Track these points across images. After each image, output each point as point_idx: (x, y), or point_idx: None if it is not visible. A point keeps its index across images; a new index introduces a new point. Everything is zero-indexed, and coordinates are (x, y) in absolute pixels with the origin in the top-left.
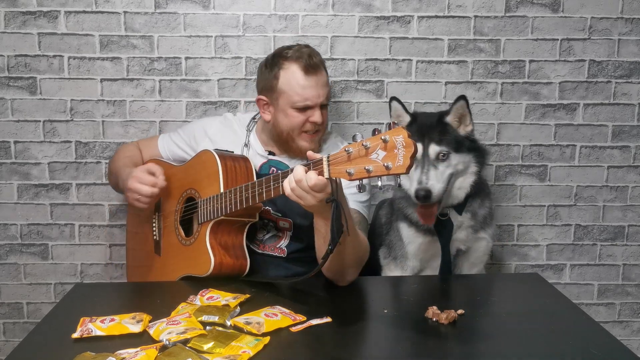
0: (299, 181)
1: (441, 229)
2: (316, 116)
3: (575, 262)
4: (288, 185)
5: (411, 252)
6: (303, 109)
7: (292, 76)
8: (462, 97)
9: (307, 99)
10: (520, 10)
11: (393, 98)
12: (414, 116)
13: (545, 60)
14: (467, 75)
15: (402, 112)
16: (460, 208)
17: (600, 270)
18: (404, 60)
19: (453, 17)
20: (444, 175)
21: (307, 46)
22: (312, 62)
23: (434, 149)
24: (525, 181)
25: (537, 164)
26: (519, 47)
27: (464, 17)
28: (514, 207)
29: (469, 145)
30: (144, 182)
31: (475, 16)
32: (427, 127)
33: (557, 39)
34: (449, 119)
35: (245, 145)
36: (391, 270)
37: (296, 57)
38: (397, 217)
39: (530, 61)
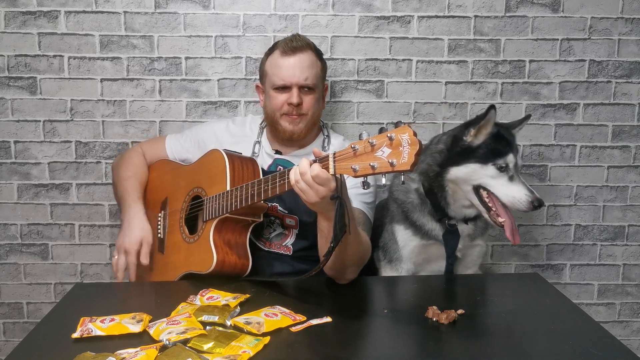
0: (303, 174)
1: (449, 239)
2: (293, 97)
3: (575, 262)
4: (293, 176)
5: (406, 255)
6: (281, 89)
7: (273, 59)
8: (530, 116)
9: (282, 79)
10: (520, 10)
11: (494, 107)
12: (497, 126)
13: (545, 60)
14: (467, 75)
15: (493, 122)
16: (467, 218)
17: (600, 270)
18: (404, 60)
19: (453, 17)
20: None
21: (297, 34)
22: (291, 45)
23: (520, 161)
24: (525, 181)
25: (537, 164)
26: (519, 47)
27: (464, 17)
28: None
29: None
30: (124, 257)
31: (475, 16)
32: (512, 137)
33: (557, 39)
34: (517, 133)
35: (258, 142)
36: (387, 272)
37: (281, 43)
38: (393, 220)
39: (530, 61)
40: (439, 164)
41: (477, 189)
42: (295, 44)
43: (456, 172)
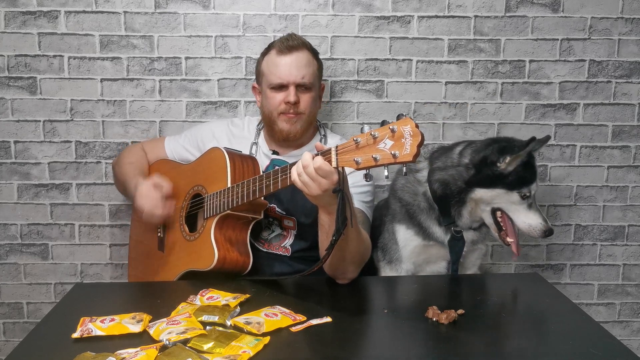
0: (306, 167)
1: (454, 245)
2: (290, 95)
3: (575, 262)
4: (295, 170)
5: (406, 255)
6: (278, 88)
7: (269, 58)
8: (549, 137)
9: (279, 77)
10: (520, 10)
11: (535, 139)
12: (529, 153)
13: (545, 60)
14: (467, 75)
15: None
16: (473, 227)
17: (600, 270)
18: (404, 60)
19: (453, 17)
20: None
21: (293, 34)
22: (287, 44)
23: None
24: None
25: (537, 164)
26: (519, 47)
27: (464, 17)
28: None
29: None
30: (150, 198)
31: (475, 16)
32: (535, 162)
33: (557, 39)
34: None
35: (255, 143)
36: (386, 272)
37: (276, 42)
38: (394, 219)
39: (530, 61)
40: (465, 182)
41: (494, 210)
42: (291, 43)
43: (482, 194)
